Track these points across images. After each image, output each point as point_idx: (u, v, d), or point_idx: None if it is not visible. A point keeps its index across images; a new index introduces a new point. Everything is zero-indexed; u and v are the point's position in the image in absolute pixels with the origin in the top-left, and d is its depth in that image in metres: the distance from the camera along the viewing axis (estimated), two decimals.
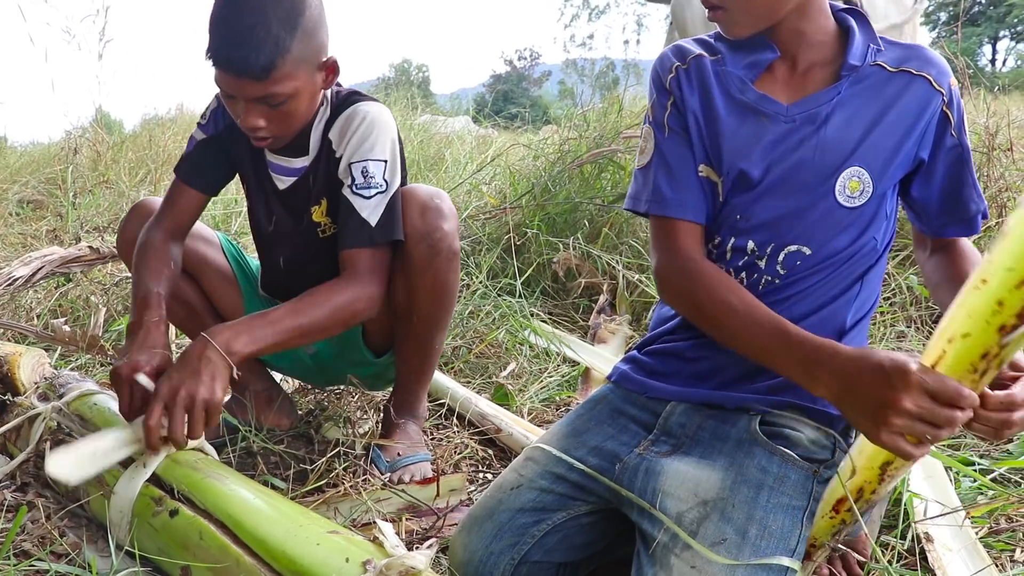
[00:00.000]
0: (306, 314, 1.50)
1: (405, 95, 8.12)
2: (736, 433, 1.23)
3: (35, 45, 7.15)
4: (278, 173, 1.74)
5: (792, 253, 1.25)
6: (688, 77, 1.32)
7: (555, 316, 3.08)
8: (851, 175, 1.22)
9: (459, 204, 4.04)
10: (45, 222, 4.62)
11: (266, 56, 1.44)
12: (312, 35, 1.51)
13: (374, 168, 1.60)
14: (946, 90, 1.23)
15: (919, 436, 0.95)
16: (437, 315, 1.74)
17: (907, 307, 2.76)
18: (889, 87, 1.23)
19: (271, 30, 1.45)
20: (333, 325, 1.54)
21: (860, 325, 1.31)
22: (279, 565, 1.11)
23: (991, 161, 3.07)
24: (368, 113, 1.64)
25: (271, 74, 1.46)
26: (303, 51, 1.49)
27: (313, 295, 1.52)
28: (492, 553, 1.27)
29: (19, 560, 1.35)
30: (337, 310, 1.53)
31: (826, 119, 1.23)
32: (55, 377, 1.75)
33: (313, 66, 1.54)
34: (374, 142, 1.62)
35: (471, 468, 1.91)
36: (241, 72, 1.46)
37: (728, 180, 1.27)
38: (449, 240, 1.66)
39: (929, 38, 15.08)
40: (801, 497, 1.16)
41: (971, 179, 1.25)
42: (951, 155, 1.24)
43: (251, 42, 1.44)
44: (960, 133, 1.23)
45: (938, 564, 1.39)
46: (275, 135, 1.59)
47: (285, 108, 1.54)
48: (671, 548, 1.11)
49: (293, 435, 1.98)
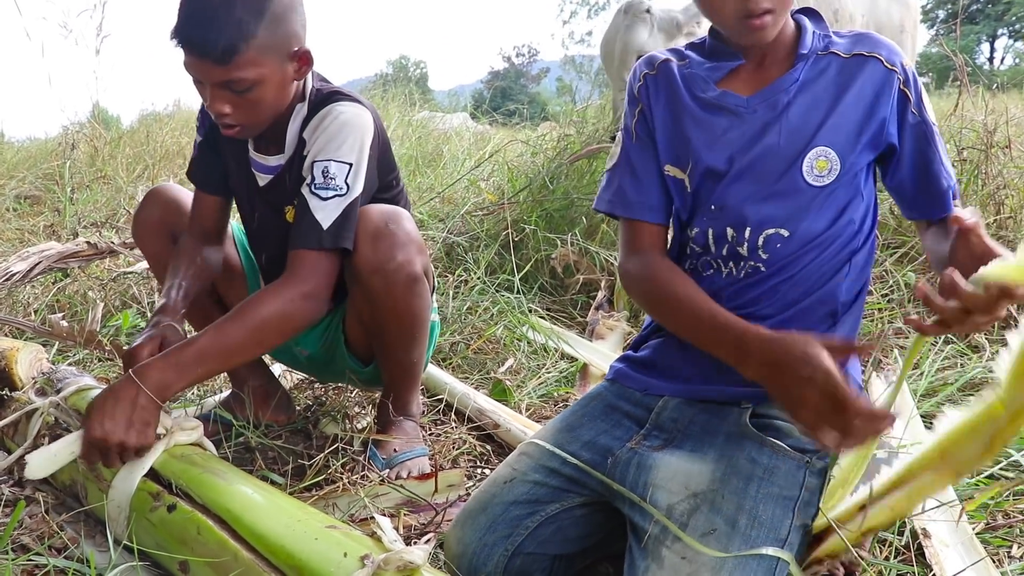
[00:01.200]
0: (232, 335, 1.45)
1: (403, 92, 8.12)
2: (727, 426, 1.25)
3: (32, 40, 7.15)
4: (258, 170, 1.73)
5: (771, 236, 1.27)
6: (655, 82, 1.39)
7: (553, 312, 3.08)
8: (817, 155, 1.25)
9: (457, 200, 4.04)
10: (42, 217, 4.62)
11: (228, 39, 1.42)
12: (281, 22, 1.48)
13: (336, 169, 1.55)
14: (899, 68, 1.26)
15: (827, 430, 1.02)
16: (406, 337, 1.74)
17: (905, 304, 2.76)
18: (845, 71, 1.27)
19: (235, 13, 1.42)
20: (266, 339, 1.49)
21: (853, 309, 1.33)
22: (277, 560, 1.11)
23: (989, 159, 3.07)
24: (342, 113, 1.60)
25: (233, 58, 1.44)
26: (270, 38, 1.47)
27: (241, 311, 1.47)
28: (486, 545, 1.28)
29: (17, 554, 1.35)
30: (265, 324, 1.47)
31: (787, 105, 1.27)
32: (53, 372, 1.75)
33: (282, 55, 1.51)
34: (341, 142, 1.57)
35: (469, 464, 1.91)
36: (203, 54, 1.44)
37: (696, 175, 1.33)
38: (407, 268, 1.62)
39: (927, 35, 15.12)
40: (792, 487, 1.17)
41: (938, 156, 1.26)
42: (914, 132, 1.26)
43: (214, 24, 1.42)
44: (921, 110, 1.26)
45: (935, 559, 1.39)
46: (242, 123, 1.56)
47: (251, 95, 1.51)
48: (662, 540, 1.12)
49: (291, 430, 1.98)
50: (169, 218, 1.82)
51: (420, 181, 4.84)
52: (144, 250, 1.88)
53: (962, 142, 3.28)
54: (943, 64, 4.84)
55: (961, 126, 3.47)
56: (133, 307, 2.89)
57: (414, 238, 1.64)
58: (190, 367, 1.41)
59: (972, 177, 3.04)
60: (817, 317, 1.29)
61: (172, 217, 1.83)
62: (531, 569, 1.29)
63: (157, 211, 1.82)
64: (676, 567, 1.08)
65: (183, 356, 1.41)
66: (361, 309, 1.72)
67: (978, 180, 3.05)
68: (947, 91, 4.01)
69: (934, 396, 2.11)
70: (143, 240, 1.86)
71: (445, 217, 3.82)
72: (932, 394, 2.14)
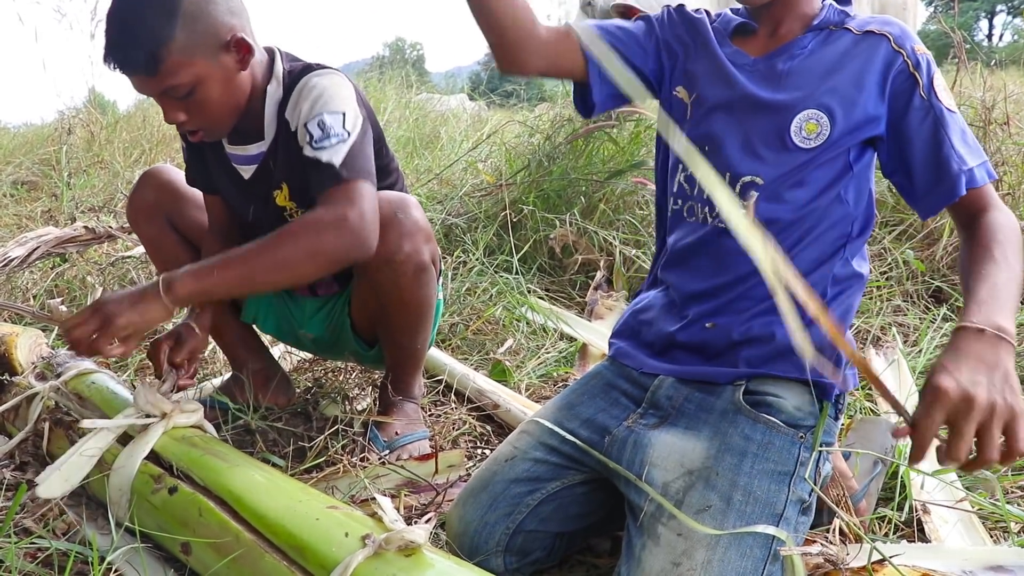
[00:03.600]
0: (266, 257, 1.39)
1: (400, 74, 8.07)
2: (721, 404, 1.25)
3: (25, 25, 7.11)
4: (239, 163, 1.71)
5: (747, 184, 1.27)
6: (679, 16, 1.43)
7: (552, 292, 3.08)
8: (808, 116, 1.24)
9: (455, 182, 4.03)
10: (40, 203, 4.60)
11: (147, 50, 1.39)
12: (199, 18, 1.43)
13: (330, 120, 1.49)
14: (909, 52, 1.23)
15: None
16: (411, 325, 1.73)
17: (903, 281, 2.77)
18: (852, 45, 1.26)
19: (147, 22, 1.39)
20: (305, 263, 1.40)
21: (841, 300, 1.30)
22: (279, 540, 1.12)
23: (988, 136, 3.06)
24: (319, 80, 1.56)
25: (159, 67, 1.41)
26: (190, 36, 1.42)
27: (275, 236, 1.40)
28: (487, 523, 1.28)
29: (20, 538, 1.36)
30: (305, 246, 1.39)
31: (789, 68, 1.28)
32: (52, 357, 1.75)
33: (211, 49, 1.47)
34: (328, 99, 1.52)
35: (469, 444, 1.91)
36: (131, 71, 1.42)
37: (695, 104, 1.35)
38: (415, 258, 1.60)
39: (926, 13, 14.97)
40: (787, 462, 1.17)
41: (949, 140, 1.20)
42: (919, 115, 1.21)
43: (131, 38, 1.40)
44: (931, 95, 1.21)
45: (935, 536, 1.40)
46: (203, 127, 1.54)
47: (196, 98, 1.48)
48: (658, 517, 1.12)
49: (291, 413, 1.98)
50: (164, 200, 1.82)
51: (418, 163, 4.82)
52: (139, 233, 1.87)
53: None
54: (941, 41, 4.85)
55: (960, 103, 3.45)
56: None
57: (422, 227, 1.62)
58: (209, 269, 1.38)
59: None
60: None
61: (167, 199, 1.82)
62: (532, 547, 1.30)
63: (152, 194, 1.81)
64: (672, 544, 1.09)
65: (206, 260, 1.40)
66: (366, 296, 1.72)
67: None
68: (945, 68, 3.98)
69: None
70: (138, 223, 1.85)
71: (443, 199, 3.81)
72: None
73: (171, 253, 1.84)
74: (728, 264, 1.29)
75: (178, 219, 1.84)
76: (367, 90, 7.02)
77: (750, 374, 1.25)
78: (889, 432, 1.60)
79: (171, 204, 1.82)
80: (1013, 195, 2.90)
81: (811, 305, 0.86)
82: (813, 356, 0.96)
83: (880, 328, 2.47)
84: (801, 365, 1.23)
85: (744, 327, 1.27)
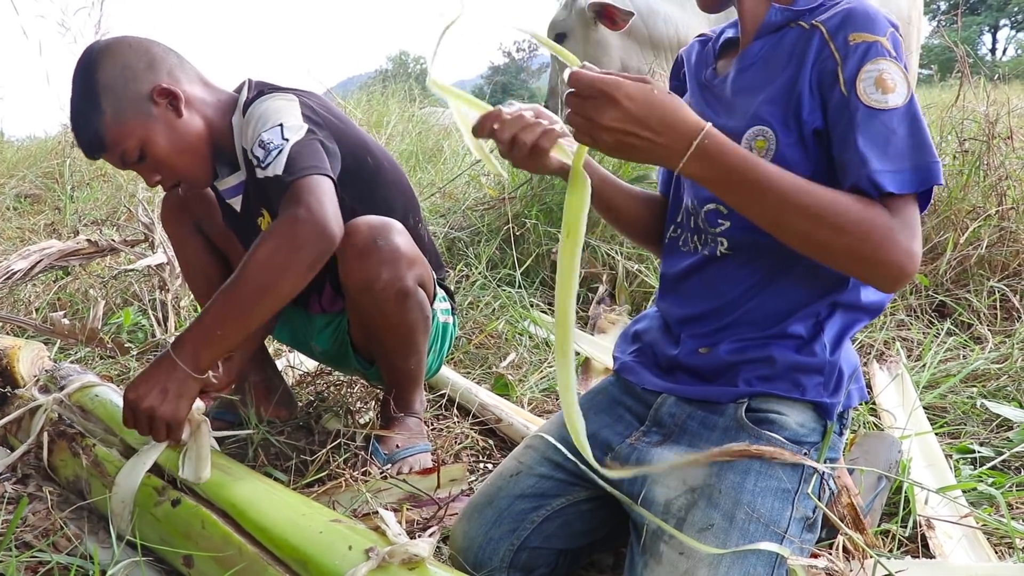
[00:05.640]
0: (240, 288, 1.37)
1: (403, 87, 8.11)
2: (723, 422, 1.23)
3: (29, 39, 7.15)
4: (229, 197, 1.76)
5: (711, 212, 1.25)
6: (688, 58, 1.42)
7: (554, 306, 3.07)
8: (755, 134, 1.18)
9: (458, 195, 4.04)
10: (43, 216, 4.62)
11: (89, 133, 1.52)
12: (114, 87, 1.52)
13: (268, 135, 1.51)
14: (839, 44, 1.11)
15: None
16: (401, 348, 1.74)
17: (907, 296, 2.76)
18: (792, 45, 1.18)
19: (80, 111, 1.52)
20: (273, 280, 1.37)
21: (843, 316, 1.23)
22: (282, 553, 1.11)
23: (991, 150, 3.06)
24: (260, 104, 1.58)
25: (105, 143, 1.52)
26: (115, 104, 1.52)
27: (242, 264, 1.38)
28: (492, 539, 1.28)
29: (20, 551, 1.35)
30: (266, 265, 1.37)
31: (738, 83, 1.25)
32: (55, 370, 1.75)
33: (140, 109, 1.53)
34: (266, 118, 1.54)
35: (472, 458, 1.91)
36: (90, 153, 1.56)
37: None
38: (396, 284, 1.59)
39: (929, 27, 14.99)
40: (791, 479, 1.16)
41: (855, 141, 1.07)
42: (836, 112, 1.11)
43: (78, 128, 1.54)
44: (851, 91, 1.09)
45: (939, 551, 1.39)
46: (179, 179, 1.63)
47: (152, 156, 1.56)
48: (660, 535, 1.11)
49: (293, 426, 1.98)
50: (192, 202, 1.87)
51: (421, 177, 4.83)
52: (168, 231, 1.94)
53: (964, 133, 3.27)
54: (945, 55, 4.83)
55: (963, 117, 3.46)
56: (134, 304, 2.89)
57: (403, 252, 1.61)
58: (211, 330, 1.37)
59: (974, 168, 3.03)
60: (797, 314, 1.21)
61: (196, 202, 1.87)
62: (537, 563, 1.29)
63: (183, 195, 1.87)
64: (674, 563, 1.08)
65: (202, 321, 1.38)
66: (353, 324, 1.78)
67: (980, 171, 3.04)
68: (949, 83, 3.99)
69: (937, 388, 2.11)
70: (168, 221, 1.92)
71: (446, 212, 3.82)
72: (935, 385, 2.14)
73: (194, 256, 1.91)
74: (718, 289, 1.26)
75: (207, 223, 1.88)
76: (370, 104, 7.04)
77: (751, 393, 1.23)
78: (894, 447, 1.59)
79: (200, 207, 1.87)
80: (1017, 209, 2.90)
81: None
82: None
83: (884, 343, 2.47)
84: (802, 385, 1.20)
85: (739, 352, 1.23)
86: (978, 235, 2.85)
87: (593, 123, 1.01)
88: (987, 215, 2.88)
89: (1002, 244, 2.84)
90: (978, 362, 2.23)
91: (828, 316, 1.22)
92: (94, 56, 1.53)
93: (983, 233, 2.84)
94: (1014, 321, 2.61)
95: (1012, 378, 2.15)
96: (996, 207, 2.90)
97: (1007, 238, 2.84)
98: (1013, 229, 2.84)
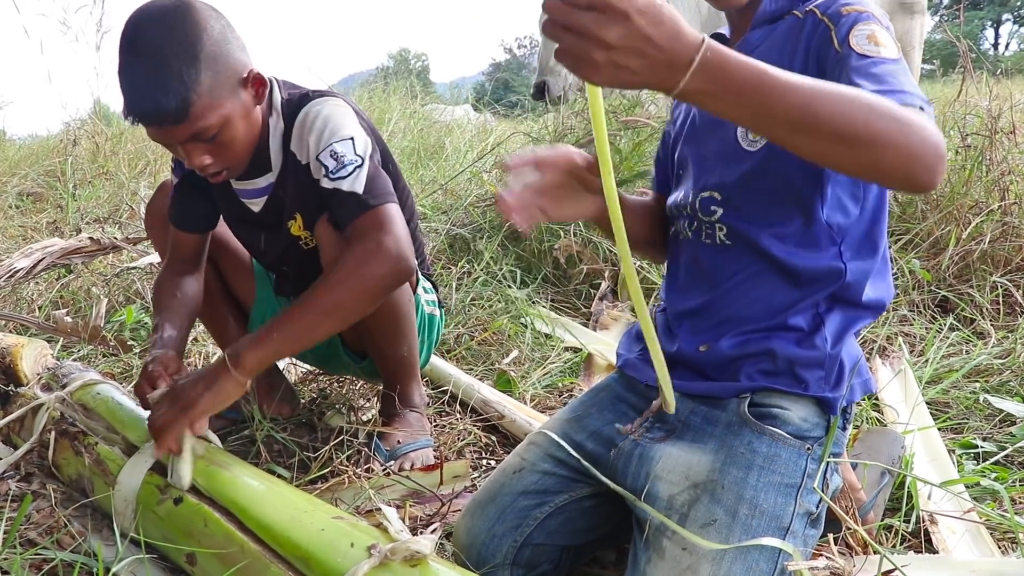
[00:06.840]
0: (318, 305, 1.41)
1: (404, 84, 8.09)
2: (726, 417, 1.23)
3: (30, 37, 7.14)
4: (248, 198, 1.72)
5: (705, 199, 1.25)
6: None
7: (557, 303, 3.08)
8: None
9: (460, 192, 4.03)
10: (45, 214, 4.62)
11: (177, 96, 1.37)
12: (219, 58, 1.43)
13: (341, 148, 1.52)
14: (832, 13, 1.12)
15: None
16: (390, 335, 1.75)
17: (910, 291, 2.76)
18: (787, 31, 1.18)
19: (172, 69, 1.37)
20: (353, 304, 1.43)
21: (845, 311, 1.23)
22: (284, 551, 1.12)
23: (993, 145, 3.06)
24: (320, 109, 1.58)
25: (189, 113, 1.39)
26: (215, 77, 1.42)
27: (320, 283, 1.43)
28: (495, 536, 1.28)
29: (25, 549, 1.36)
30: (349, 285, 1.41)
31: None
32: (58, 367, 1.75)
33: (233, 87, 1.47)
34: (334, 127, 1.55)
35: (474, 455, 1.91)
36: (160, 121, 1.40)
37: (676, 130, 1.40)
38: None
39: (932, 22, 14.95)
40: (794, 475, 1.15)
41: (853, 79, 1.04)
42: (834, 69, 1.08)
43: (158, 88, 1.37)
44: (845, 45, 1.08)
45: (942, 547, 1.39)
46: (227, 166, 1.54)
47: (222, 138, 1.48)
48: (663, 531, 1.11)
49: (296, 423, 1.98)
50: None
51: (423, 173, 4.83)
52: (153, 239, 1.91)
53: (966, 128, 3.26)
54: (947, 50, 4.84)
55: (965, 112, 3.45)
56: (137, 302, 2.89)
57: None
58: (266, 338, 1.40)
59: (976, 163, 3.03)
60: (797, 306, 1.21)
61: None
62: (540, 560, 1.29)
63: (167, 203, 1.83)
64: (677, 558, 1.08)
65: (264, 329, 1.40)
66: None
67: (983, 166, 3.03)
68: (952, 78, 3.98)
69: (939, 383, 2.11)
70: (152, 229, 1.89)
71: (448, 209, 3.82)
72: (937, 381, 2.14)
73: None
74: (716, 280, 1.25)
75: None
76: (371, 101, 7.04)
77: (753, 388, 1.23)
78: (897, 442, 1.59)
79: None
80: (1020, 204, 2.89)
81: None
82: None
83: (886, 338, 2.47)
84: (804, 380, 1.19)
85: (741, 346, 1.23)
86: (981, 230, 2.84)
87: (590, 41, 0.81)
88: (990, 210, 2.88)
89: (1005, 239, 2.84)
90: (981, 357, 2.23)
91: (828, 310, 1.21)
92: (199, 16, 1.41)
93: (986, 228, 2.83)
94: (1017, 316, 2.61)
95: (1015, 373, 2.15)
96: (999, 202, 2.89)
97: (1010, 233, 2.84)
98: (1016, 224, 2.84)
